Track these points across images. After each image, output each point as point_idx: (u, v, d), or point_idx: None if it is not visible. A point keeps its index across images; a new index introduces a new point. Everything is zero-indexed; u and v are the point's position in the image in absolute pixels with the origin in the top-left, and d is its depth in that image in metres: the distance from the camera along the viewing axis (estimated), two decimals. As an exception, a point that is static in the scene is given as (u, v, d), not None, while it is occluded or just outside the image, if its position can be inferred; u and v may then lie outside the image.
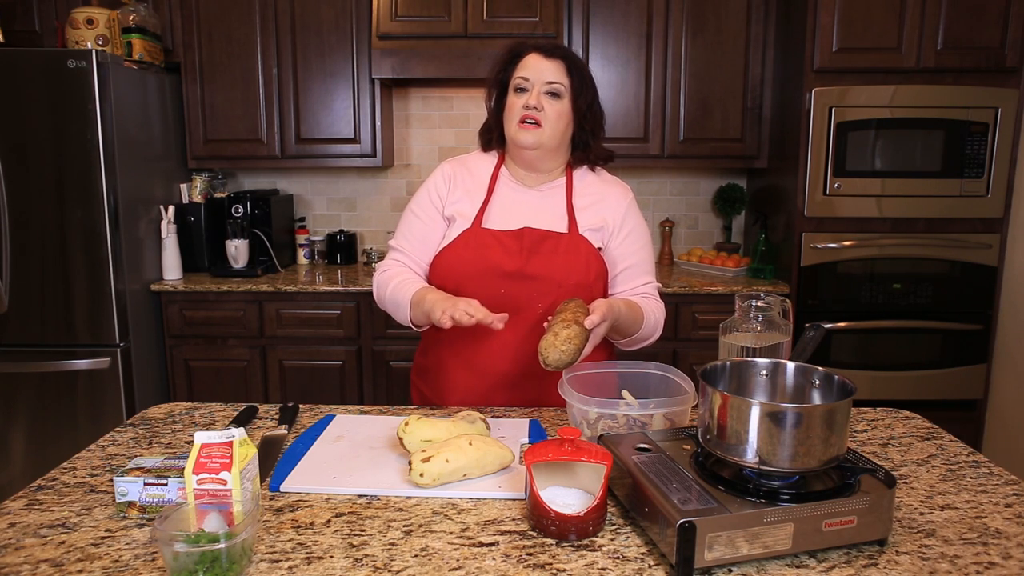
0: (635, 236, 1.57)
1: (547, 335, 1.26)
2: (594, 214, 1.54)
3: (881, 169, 2.79)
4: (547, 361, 1.25)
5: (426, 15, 2.94)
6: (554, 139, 1.49)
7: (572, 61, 1.49)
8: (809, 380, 1.07)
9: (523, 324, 1.48)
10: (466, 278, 1.48)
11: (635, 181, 3.48)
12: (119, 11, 2.85)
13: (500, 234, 1.50)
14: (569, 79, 1.48)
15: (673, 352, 2.96)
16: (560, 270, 1.47)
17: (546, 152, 1.52)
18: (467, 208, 1.54)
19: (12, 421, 2.76)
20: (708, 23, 3.02)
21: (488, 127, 1.60)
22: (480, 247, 1.49)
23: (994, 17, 2.71)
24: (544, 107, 1.46)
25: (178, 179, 3.17)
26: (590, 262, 1.50)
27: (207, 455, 0.95)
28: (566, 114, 1.49)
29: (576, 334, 1.25)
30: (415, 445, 1.17)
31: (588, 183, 1.58)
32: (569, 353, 1.24)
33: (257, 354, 2.98)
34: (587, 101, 1.50)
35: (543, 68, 1.47)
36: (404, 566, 0.90)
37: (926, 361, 2.90)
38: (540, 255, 1.48)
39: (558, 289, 1.47)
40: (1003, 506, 1.06)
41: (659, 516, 0.91)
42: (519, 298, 1.48)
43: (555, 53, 1.49)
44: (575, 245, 1.50)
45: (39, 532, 0.99)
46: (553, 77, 1.47)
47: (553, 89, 1.47)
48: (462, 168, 1.59)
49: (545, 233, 1.50)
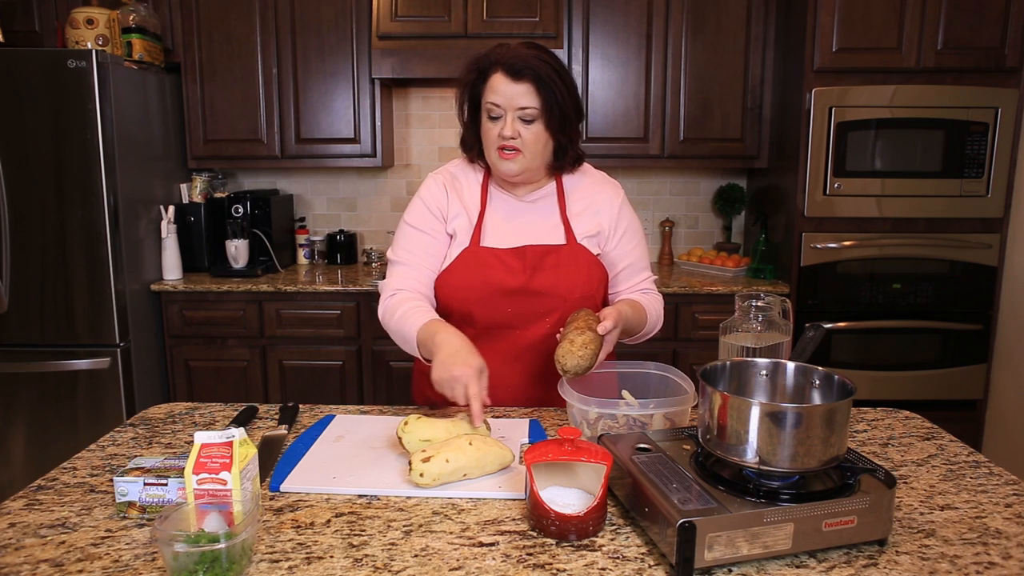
0: (630, 234, 1.56)
1: (563, 343, 1.27)
2: (589, 219, 1.52)
3: (881, 169, 2.79)
4: (566, 368, 1.25)
5: (426, 15, 2.94)
6: (536, 161, 1.45)
7: (539, 79, 1.38)
8: (809, 380, 1.07)
9: (530, 340, 1.48)
10: (471, 299, 1.47)
11: (635, 181, 3.48)
12: (119, 11, 2.85)
13: (501, 252, 1.47)
14: (539, 100, 1.39)
15: (673, 352, 2.96)
16: (564, 284, 1.46)
17: (532, 173, 1.48)
18: (463, 223, 1.50)
19: (12, 421, 2.76)
20: (708, 23, 3.02)
21: (469, 143, 1.53)
22: (482, 267, 1.46)
23: (994, 17, 2.71)
24: (520, 134, 1.40)
25: (178, 179, 3.17)
26: (592, 272, 1.49)
27: (207, 455, 0.95)
28: (542, 135, 1.42)
29: (591, 339, 1.27)
30: (415, 445, 1.17)
31: (578, 186, 1.55)
32: (587, 358, 1.25)
33: (257, 354, 2.98)
34: (560, 113, 1.41)
35: (512, 93, 1.38)
36: (404, 566, 0.90)
37: (926, 361, 2.90)
38: (543, 271, 1.47)
39: (564, 304, 1.47)
40: (1003, 506, 1.06)
41: (659, 516, 0.91)
42: (526, 315, 1.47)
43: (523, 74, 1.38)
44: (575, 256, 1.49)
45: (39, 532, 0.99)
46: (524, 102, 1.38)
47: (525, 116, 1.40)
48: (452, 180, 1.56)
49: (546, 248, 1.48)
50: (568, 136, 1.46)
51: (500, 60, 1.40)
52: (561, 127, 1.43)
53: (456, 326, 1.38)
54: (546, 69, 1.39)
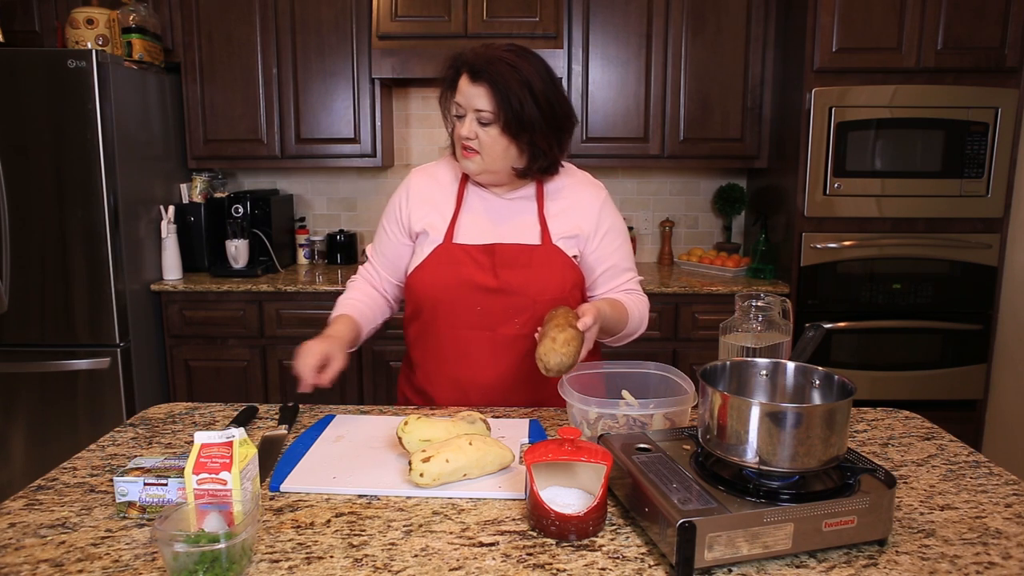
0: (612, 235, 1.53)
1: (544, 341, 1.26)
2: (568, 220, 1.50)
3: (881, 169, 2.79)
4: (548, 366, 1.24)
5: (426, 15, 2.94)
6: (495, 163, 1.43)
7: (495, 83, 1.36)
8: (809, 380, 1.07)
9: (501, 339, 1.47)
10: (442, 296, 1.47)
11: (635, 181, 3.48)
12: (119, 11, 2.85)
13: (472, 249, 1.47)
14: (493, 104, 1.36)
15: (673, 352, 2.96)
16: (535, 285, 1.45)
17: (495, 175, 1.47)
18: (437, 221, 1.51)
19: (12, 421, 2.76)
20: (708, 23, 3.02)
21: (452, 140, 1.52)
22: (453, 263, 1.47)
23: (994, 17, 2.71)
24: (478, 135, 1.40)
25: (178, 179, 3.17)
26: (565, 274, 1.48)
27: (207, 455, 0.95)
28: (500, 139, 1.40)
29: (573, 337, 1.25)
30: (415, 445, 1.17)
31: (560, 187, 1.53)
32: (570, 356, 1.24)
33: (257, 354, 2.98)
34: (517, 119, 1.37)
35: (471, 94, 1.38)
36: (404, 566, 0.90)
37: (926, 361, 2.90)
38: (514, 270, 1.45)
39: (533, 304, 1.45)
40: (1003, 506, 1.06)
41: (659, 516, 0.91)
42: (495, 314, 1.47)
43: (480, 77, 1.37)
44: (549, 257, 1.47)
45: (39, 532, 0.99)
46: (479, 105, 1.38)
47: (480, 118, 1.39)
48: (429, 179, 1.56)
49: (518, 248, 1.47)
50: (534, 142, 1.41)
51: (468, 60, 1.40)
52: (518, 132, 1.39)
53: (426, 324, 1.50)
54: (508, 73, 1.36)
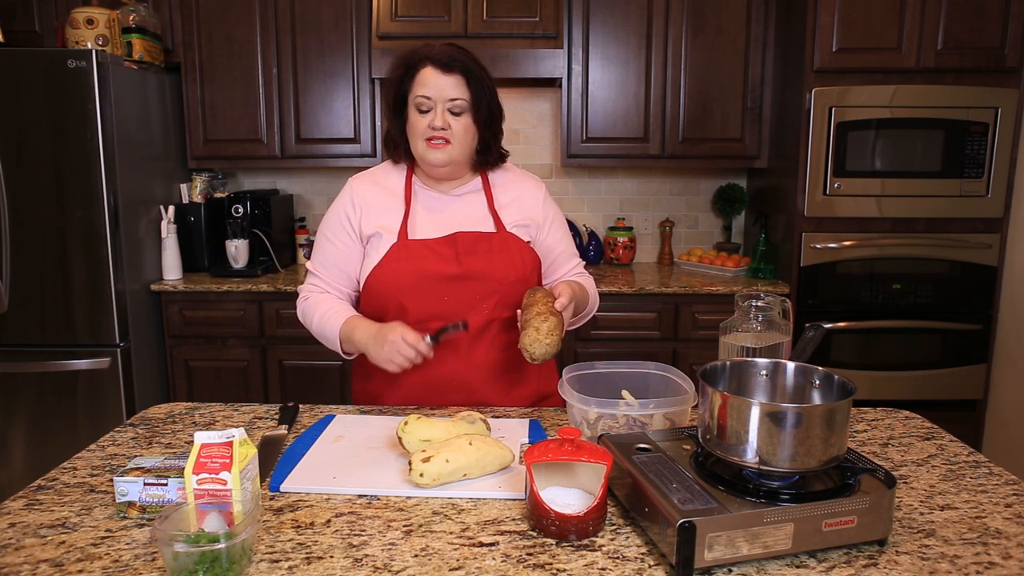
0: (557, 224, 1.62)
1: (527, 331, 1.31)
2: (517, 211, 1.57)
3: (881, 169, 2.79)
4: (534, 356, 1.30)
5: (426, 15, 2.94)
6: (463, 154, 1.49)
7: (469, 72, 1.44)
8: (809, 380, 1.07)
9: (473, 327, 1.48)
10: (405, 291, 1.47)
11: (635, 181, 3.48)
12: (119, 11, 2.85)
13: (431, 242, 1.49)
14: (469, 92, 1.44)
15: (673, 352, 2.96)
16: (499, 268, 1.49)
17: (458, 167, 1.52)
18: (389, 221, 1.52)
19: (12, 421, 2.76)
20: (708, 23, 3.02)
21: (393, 141, 1.55)
22: (413, 258, 1.48)
23: (994, 17, 2.71)
24: (450, 125, 1.44)
25: (178, 179, 3.17)
26: (524, 256, 1.53)
27: (207, 455, 0.95)
28: (471, 127, 1.47)
29: (555, 324, 1.31)
30: (415, 445, 1.17)
31: (502, 180, 1.60)
32: (554, 345, 1.30)
33: (257, 354, 2.98)
34: (487, 108, 1.47)
35: (443, 85, 1.43)
36: (404, 566, 0.90)
37: (926, 361, 2.90)
38: (477, 255, 1.49)
39: (500, 287, 1.49)
40: (1003, 506, 1.06)
41: (659, 516, 0.91)
42: (463, 301, 1.48)
43: (453, 67, 1.43)
44: (506, 242, 1.52)
45: (39, 532, 0.99)
46: (454, 94, 1.43)
47: (455, 107, 1.44)
48: (372, 185, 1.57)
49: (478, 235, 1.51)
50: (492, 131, 1.52)
51: (429, 55, 1.45)
52: (487, 122, 1.49)
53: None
54: (475, 66, 1.46)
